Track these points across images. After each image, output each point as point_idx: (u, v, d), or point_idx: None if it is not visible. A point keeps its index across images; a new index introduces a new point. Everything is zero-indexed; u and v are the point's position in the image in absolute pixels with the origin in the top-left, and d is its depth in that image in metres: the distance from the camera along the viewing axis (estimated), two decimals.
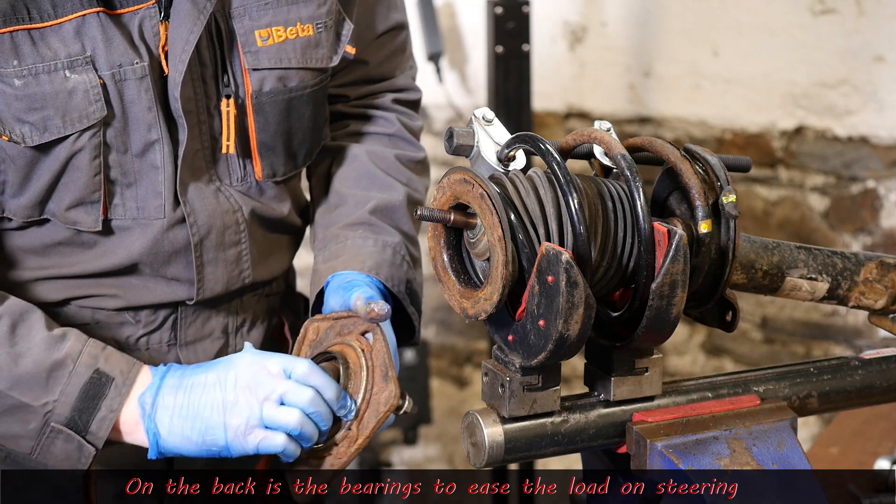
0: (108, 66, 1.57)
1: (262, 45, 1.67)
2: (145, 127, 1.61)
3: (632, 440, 1.29)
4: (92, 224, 1.62)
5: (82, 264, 1.66)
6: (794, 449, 1.29)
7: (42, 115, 1.55)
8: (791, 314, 3.25)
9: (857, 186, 3.10)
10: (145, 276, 1.68)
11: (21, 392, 1.54)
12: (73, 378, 1.55)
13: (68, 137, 1.57)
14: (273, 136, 1.71)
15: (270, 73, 1.69)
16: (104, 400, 1.55)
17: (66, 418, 1.55)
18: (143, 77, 1.59)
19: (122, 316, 1.69)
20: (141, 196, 1.64)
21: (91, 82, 1.56)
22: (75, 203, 1.61)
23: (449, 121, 3.69)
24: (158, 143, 1.62)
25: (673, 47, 3.30)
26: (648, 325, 1.22)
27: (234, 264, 1.72)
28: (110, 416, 1.56)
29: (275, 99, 1.70)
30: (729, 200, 1.26)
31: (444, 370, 3.90)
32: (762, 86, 3.19)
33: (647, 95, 3.38)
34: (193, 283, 1.69)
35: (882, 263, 1.43)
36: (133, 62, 1.58)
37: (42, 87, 1.54)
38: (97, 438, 1.56)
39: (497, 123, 1.32)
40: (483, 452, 1.25)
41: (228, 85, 1.67)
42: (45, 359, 1.55)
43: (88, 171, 1.59)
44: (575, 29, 3.46)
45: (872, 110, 3.04)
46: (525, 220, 1.21)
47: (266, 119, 1.70)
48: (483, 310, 1.22)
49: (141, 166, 1.63)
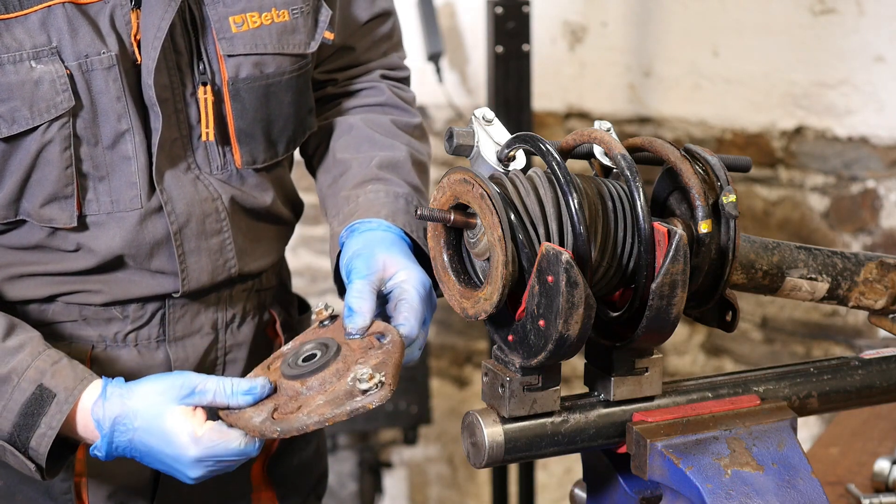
0: (74, 57, 1.57)
1: (237, 31, 1.67)
2: (115, 117, 1.61)
3: (632, 440, 1.29)
4: (67, 220, 1.61)
5: (66, 262, 1.65)
6: (794, 449, 1.29)
7: (9, 106, 1.55)
8: (791, 314, 3.25)
9: (857, 186, 3.10)
10: (130, 270, 1.67)
11: None
12: (14, 394, 1.53)
13: (37, 129, 1.56)
14: (251, 122, 1.71)
15: (246, 59, 1.68)
16: (43, 417, 1.52)
17: (7, 434, 1.53)
18: (110, 67, 1.59)
19: (110, 311, 1.68)
20: (115, 189, 1.63)
21: (57, 72, 1.56)
22: (49, 199, 1.60)
23: (449, 121, 3.69)
24: (129, 132, 1.62)
25: (673, 47, 3.30)
26: (648, 325, 1.22)
27: (218, 254, 1.71)
28: (49, 433, 1.52)
29: (252, 85, 1.69)
30: (729, 200, 1.26)
31: (444, 370, 3.90)
32: (762, 86, 3.18)
33: (647, 95, 3.38)
34: (177, 275, 1.68)
35: (882, 263, 1.43)
36: (100, 52, 1.58)
37: (8, 78, 1.54)
38: (38, 455, 1.54)
39: (497, 123, 1.32)
40: (483, 452, 1.25)
41: (205, 72, 1.66)
42: None
43: (60, 164, 1.59)
44: (575, 29, 3.46)
45: (872, 110, 3.04)
46: (525, 220, 1.21)
47: (244, 106, 1.69)
48: (483, 310, 1.22)
49: (112, 158, 1.62)
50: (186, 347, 1.73)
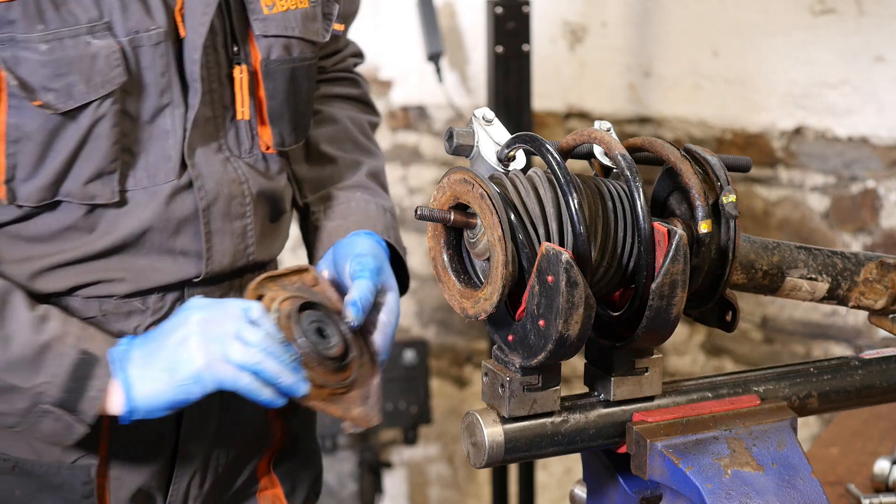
0: (124, 32, 1.58)
1: (269, 13, 1.71)
2: (157, 92, 1.62)
3: (632, 440, 1.29)
4: (109, 196, 1.62)
5: (92, 243, 1.64)
6: (794, 449, 1.29)
7: (67, 80, 1.55)
8: (791, 314, 3.25)
9: (857, 186, 3.10)
10: (153, 253, 1.67)
11: (11, 375, 1.54)
12: (61, 359, 1.56)
13: (91, 104, 1.57)
14: (282, 103, 1.74)
15: (277, 40, 1.72)
16: (92, 380, 1.56)
17: (57, 399, 1.55)
18: (158, 43, 1.61)
19: (131, 304, 1.68)
20: (151, 163, 1.64)
21: (111, 47, 1.57)
22: (95, 175, 1.61)
23: (449, 121, 3.69)
24: (170, 107, 1.64)
25: (673, 47, 3.30)
26: (648, 325, 1.22)
27: (241, 238, 1.72)
28: (99, 395, 1.56)
29: (281, 67, 1.73)
30: (729, 200, 1.26)
31: (444, 370, 3.90)
32: (762, 86, 3.18)
33: (647, 95, 3.38)
34: (201, 256, 1.69)
35: (882, 263, 1.43)
36: (149, 28, 1.60)
37: (67, 52, 1.55)
38: (88, 417, 1.57)
39: (497, 123, 1.32)
40: (483, 452, 1.25)
41: (238, 53, 1.69)
42: (33, 341, 1.55)
43: (109, 140, 1.60)
44: (575, 29, 3.45)
45: (872, 110, 3.04)
46: (525, 220, 1.21)
47: (275, 86, 1.73)
48: (483, 310, 1.22)
49: (151, 132, 1.63)
50: None
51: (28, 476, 1.66)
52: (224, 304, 1.61)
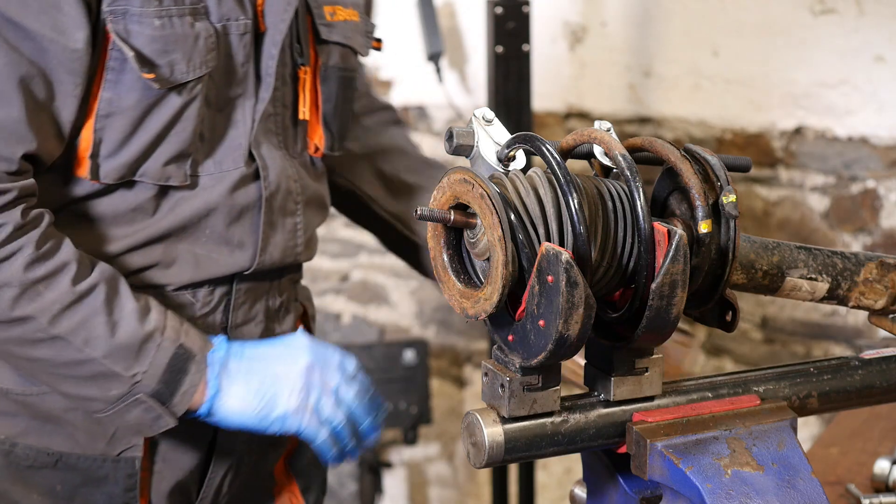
0: (218, 19, 1.63)
1: (331, 20, 1.77)
2: (236, 81, 1.67)
3: (632, 440, 1.29)
4: (182, 178, 1.65)
5: (154, 225, 1.66)
6: (794, 449, 1.29)
7: (170, 58, 1.59)
8: (791, 314, 3.25)
9: (857, 186, 3.10)
10: (211, 241, 1.70)
11: (114, 361, 1.57)
12: (161, 352, 1.59)
13: (188, 84, 1.61)
14: (333, 109, 1.79)
15: (335, 47, 1.78)
16: (187, 376, 1.60)
17: (154, 390, 1.59)
18: (244, 34, 1.65)
19: (183, 296, 1.71)
20: (221, 150, 1.68)
21: (209, 31, 1.62)
22: (175, 156, 1.63)
23: (449, 121, 3.69)
24: (242, 97, 1.68)
25: (673, 47, 3.30)
26: (648, 325, 1.22)
27: (291, 235, 1.76)
28: (191, 391, 1.61)
29: (337, 74, 1.79)
30: (729, 200, 1.26)
31: (444, 370, 3.90)
32: (762, 86, 3.18)
33: (647, 95, 3.38)
34: (255, 248, 1.71)
35: (882, 263, 1.43)
36: (238, 17, 1.64)
37: (175, 30, 1.59)
38: (178, 410, 1.61)
39: (497, 123, 1.32)
40: (483, 452, 1.25)
41: (303, 55, 1.74)
42: (138, 330, 1.58)
43: (194, 122, 1.63)
44: (575, 29, 3.45)
45: (872, 110, 3.04)
46: (525, 220, 1.21)
47: (330, 91, 1.78)
48: (483, 310, 1.22)
49: (224, 120, 1.67)
50: (243, 335, 1.77)
51: (72, 470, 1.68)
52: (327, 352, 1.67)
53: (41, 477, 1.68)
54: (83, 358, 1.56)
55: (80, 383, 1.58)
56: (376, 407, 1.70)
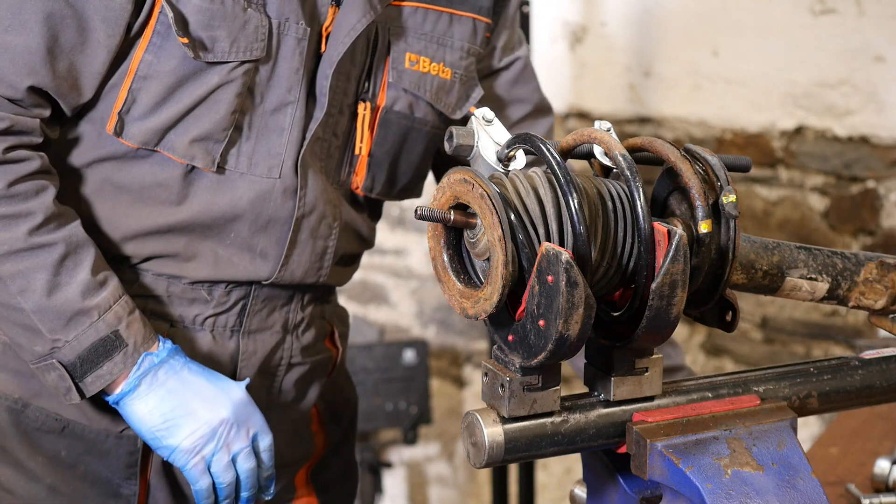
0: (276, 14, 1.63)
1: (409, 67, 1.76)
2: (287, 86, 1.66)
3: (632, 440, 1.29)
4: (208, 163, 1.65)
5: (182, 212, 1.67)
6: (794, 449, 1.29)
7: (213, 34, 1.60)
8: (791, 314, 3.25)
9: (857, 186, 3.10)
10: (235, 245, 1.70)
11: (41, 320, 1.59)
12: (91, 330, 1.59)
13: (227, 64, 1.61)
14: (385, 153, 1.79)
15: (405, 95, 1.77)
16: (109, 362, 1.60)
17: (69, 361, 1.60)
18: (301, 39, 1.65)
19: (196, 291, 1.71)
20: (257, 152, 1.67)
21: (262, 21, 1.62)
22: (202, 137, 1.63)
23: None
24: (293, 105, 1.67)
25: (673, 47, 3.30)
26: (648, 325, 1.22)
27: (319, 258, 1.76)
28: (107, 378, 1.61)
29: (399, 121, 1.78)
30: (729, 200, 1.26)
31: (444, 370, 3.90)
32: (762, 86, 3.18)
33: (647, 95, 3.38)
34: (278, 261, 1.72)
35: (882, 263, 1.43)
36: (299, 21, 1.65)
37: (225, 8, 1.60)
38: (87, 390, 1.61)
39: (497, 123, 1.32)
40: (483, 452, 1.25)
41: (368, 91, 1.74)
42: (76, 301, 1.59)
43: (228, 107, 1.63)
44: (575, 29, 3.45)
45: (872, 110, 3.04)
46: (525, 220, 1.21)
47: (386, 135, 1.78)
48: (483, 310, 1.22)
49: (268, 123, 1.67)
50: (257, 342, 1.76)
51: (77, 439, 1.71)
52: (251, 418, 1.66)
53: (48, 441, 1.71)
54: (14, 305, 1.58)
55: (13, 328, 1.61)
56: (265, 488, 1.69)
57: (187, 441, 1.61)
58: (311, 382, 1.86)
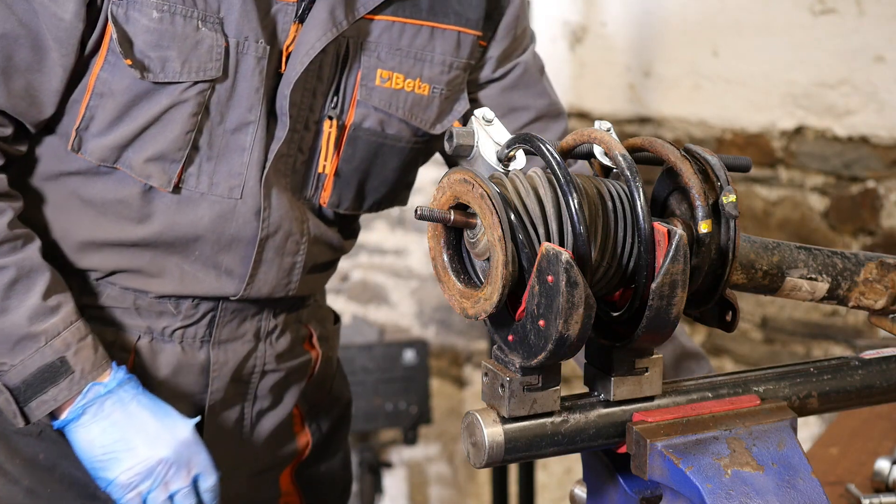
0: (235, 33, 1.61)
1: (380, 84, 1.72)
2: (247, 105, 1.64)
3: (632, 440, 1.29)
4: (164, 182, 1.64)
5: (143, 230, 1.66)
6: (794, 449, 1.29)
7: (164, 54, 1.58)
8: (791, 314, 3.25)
9: (857, 186, 3.10)
10: (199, 262, 1.69)
11: None
12: (37, 355, 1.59)
13: (178, 85, 1.60)
14: (353, 171, 1.75)
15: (375, 112, 1.73)
16: (54, 388, 1.59)
17: (14, 385, 1.59)
18: (261, 58, 1.63)
19: (164, 304, 1.70)
20: (217, 172, 1.65)
21: (218, 42, 1.60)
22: (156, 156, 1.62)
23: None
24: (253, 125, 1.65)
25: (673, 47, 3.30)
26: (648, 325, 1.22)
27: (287, 274, 1.74)
28: (51, 404, 1.60)
29: (369, 138, 1.74)
30: (729, 200, 1.26)
31: (444, 370, 3.90)
32: (762, 86, 3.18)
33: (647, 95, 3.38)
34: (243, 279, 1.70)
35: (882, 263, 1.43)
36: (258, 39, 1.62)
37: (174, 27, 1.58)
38: (32, 415, 1.61)
39: (497, 123, 1.32)
40: (483, 452, 1.25)
41: (336, 108, 1.70)
42: (22, 326, 1.58)
43: (182, 127, 1.61)
44: (575, 29, 3.45)
45: (872, 110, 3.04)
46: (525, 220, 1.21)
47: (354, 152, 1.74)
48: (483, 310, 1.22)
49: (228, 143, 1.65)
50: (227, 352, 1.75)
51: (53, 443, 1.71)
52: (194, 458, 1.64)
53: (25, 444, 1.71)
54: None
55: None
56: None
57: (123, 476, 1.60)
58: (287, 387, 1.85)
